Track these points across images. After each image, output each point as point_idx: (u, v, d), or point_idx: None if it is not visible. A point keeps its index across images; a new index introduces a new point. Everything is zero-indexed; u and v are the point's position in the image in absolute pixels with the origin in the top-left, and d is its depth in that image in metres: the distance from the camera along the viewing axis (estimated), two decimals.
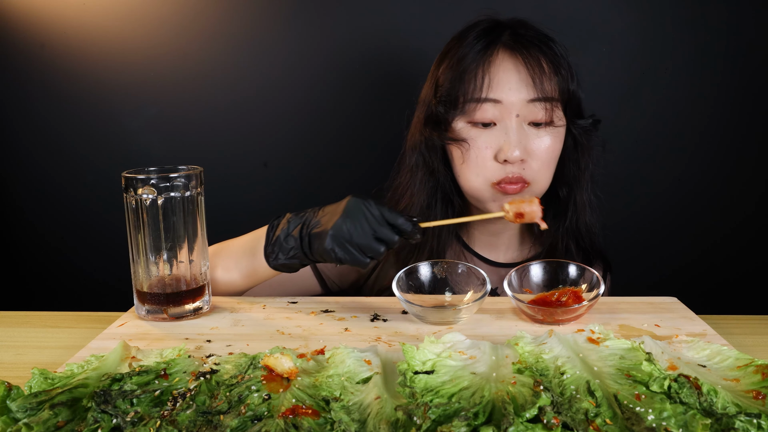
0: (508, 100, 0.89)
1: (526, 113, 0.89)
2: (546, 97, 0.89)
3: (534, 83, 0.88)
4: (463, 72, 0.90)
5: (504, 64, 0.90)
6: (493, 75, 0.89)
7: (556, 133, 0.92)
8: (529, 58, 0.89)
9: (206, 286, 0.82)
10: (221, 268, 0.89)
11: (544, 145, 0.90)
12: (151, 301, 0.78)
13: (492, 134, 0.90)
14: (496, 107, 0.89)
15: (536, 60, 0.89)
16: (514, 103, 0.89)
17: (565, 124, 0.94)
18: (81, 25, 1.41)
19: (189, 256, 0.80)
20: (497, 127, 0.90)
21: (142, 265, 0.79)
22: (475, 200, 0.97)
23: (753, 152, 1.42)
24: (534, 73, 0.88)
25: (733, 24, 1.35)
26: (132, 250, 0.79)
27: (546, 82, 0.89)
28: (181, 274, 0.79)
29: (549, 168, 0.93)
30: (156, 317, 0.79)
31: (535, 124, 0.90)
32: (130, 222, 0.79)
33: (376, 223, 0.74)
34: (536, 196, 0.87)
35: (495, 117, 0.90)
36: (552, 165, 0.94)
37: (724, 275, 1.48)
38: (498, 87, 0.89)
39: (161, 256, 0.79)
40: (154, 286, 0.79)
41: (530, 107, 0.89)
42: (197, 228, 0.80)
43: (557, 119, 0.91)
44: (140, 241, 0.78)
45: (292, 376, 0.57)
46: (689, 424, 0.47)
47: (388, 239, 0.75)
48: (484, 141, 0.90)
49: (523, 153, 0.89)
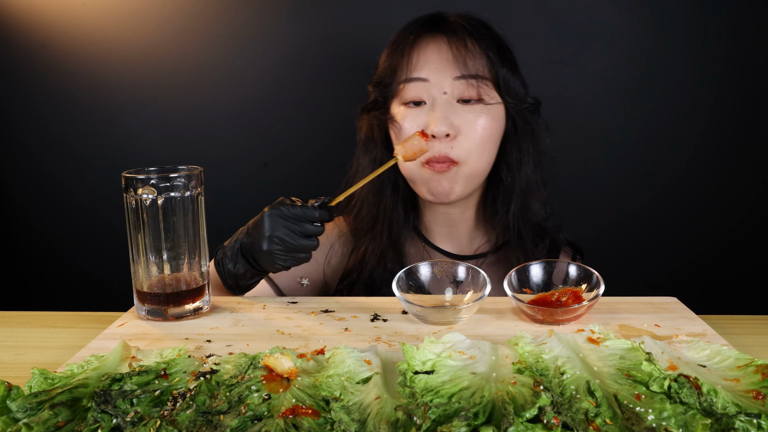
0: (434, 78, 0.92)
1: (454, 90, 0.92)
2: (471, 74, 0.91)
3: (459, 61, 0.91)
4: (394, 55, 0.95)
5: (431, 46, 0.94)
6: (420, 55, 0.93)
7: (489, 111, 0.93)
8: (455, 38, 0.93)
9: (206, 286, 0.82)
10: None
11: (473, 122, 0.92)
12: (151, 301, 0.78)
13: (421, 112, 0.93)
14: (424, 86, 0.93)
15: (462, 40, 0.92)
16: (441, 81, 0.92)
17: (500, 103, 0.95)
18: (81, 25, 1.41)
19: (189, 256, 0.80)
20: (427, 106, 0.93)
21: (142, 265, 0.79)
22: (410, 183, 0.99)
23: (753, 152, 1.42)
24: (459, 52, 0.92)
25: (733, 24, 1.35)
26: (132, 250, 0.79)
27: (471, 60, 0.92)
28: (181, 274, 0.79)
29: (481, 147, 0.94)
30: (156, 317, 0.79)
31: (464, 101, 0.92)
32: (130, 222, 0.79)
33: (296, 225, 0.80)
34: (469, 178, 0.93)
35: (424, 96, 0.93)
36: (485, 145, 0.94)
37: (723, 275, 1.48)
38: (425, 66, 0.93)
39: (161, 256, 0.79)
40: (154, 286, 0.79)
41: (457, 84, 0.92)
42: (197, 228, 0.80)
43: (488, 97, 0.93)
44: (140, 241, 0.78)
45: (292, 376, 0.57)
46: (689, 424, 0.47)
47: (314, 233, 0.81)
48: (414, 119, 0.93)
49: (450, 128, 0.91)
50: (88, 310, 0.86)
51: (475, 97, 0.92)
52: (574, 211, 1.49)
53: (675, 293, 0.86)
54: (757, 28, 1.35)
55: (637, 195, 1.46)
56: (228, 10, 1.40)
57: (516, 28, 1.39)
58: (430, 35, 0.95)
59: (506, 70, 0.94)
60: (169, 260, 0.79)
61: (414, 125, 0.93)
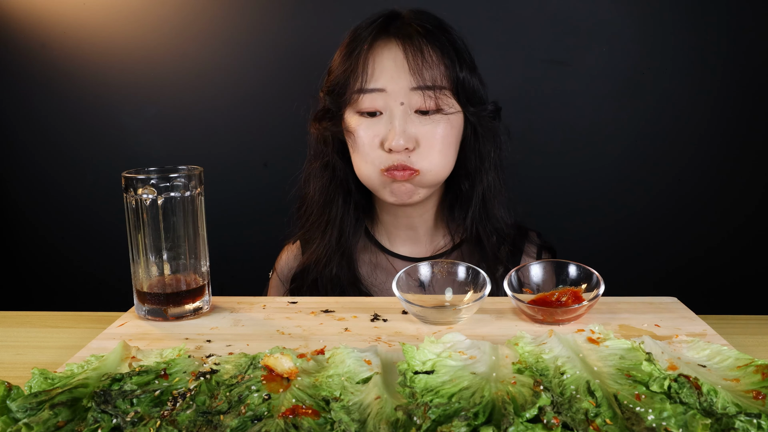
0: (391, 88, 0.89)
1: (410, 101, 0.90)
2: (428, 85, 0.89)
3: (416, 71, 0.88)
4: (348, 61, 0.92)
5: (387, 54, 0.90)
6: (377, 65, 0.90)
7: (448, 120, 0.91)
8: (411, 47, 0.89)
9: (206, 286, 0.82)
10: None
11: (432, 132, 0.90)
12: (151, 301, 0.78)
13: (379, 123, 0.91)
14: (381, 96, 0.90)
15: (419, 48, 0.89)
16: (397, 92, 0.89)
17: (459, 111, 0.93)
18: (81, 25, 1.41)
19: (189, 256, 0.80)
20: (384, 116, 0.91)
21: (142, 265, 0.79)
22: (370, 188, 0.98)
23: (753, 152, 1.42)
24: (416, 62, 0.89)
25: (733, 24, 1.35)
26: (132, 250, 0.79)
27: (428, 70, 0.89)
28: (181, 274, 0.79)
29: (442, 155, 0.92)
30: (156, 317, 0.79)
31: (422, 111, 0.90)
32: (130, 222, 0.79)
33: None
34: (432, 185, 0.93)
35: (381, 106, 0.90)
36: (446, 152, 0.92)
37: (724, 275, 1.48)
38: (381, 76, 0.90)
39: (161, 256, 0.79)
40: (154, 286, 0.79)
41: (414, 95, 0.89)
42: (197, 228, 0.80)
43: (447, 107, 0.91)
44: (140, 241, 0.78)
45: (292, 376, 0.57)
46: (689, 424, 0.47)
47: None
48: (372, 130, 0.91)
49: (408, 141, 0.89)
50: (87, 310, 0.86)
51: (434, 108, 0.90)
52: (574, 211, 1.49)
53: (675, 293, 0.86)
54: (757, 28, 1.35)
55: (637, 195, 1.46)
56: (228, 10, 1.40)
57: (516, 28, 1.40)
58: (384, 40, 0.91)
59: (465, 75, 0.92)
60: (169, 260, 0.79)
61: (370, 135, 0.91)
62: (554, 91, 1.42)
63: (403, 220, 1.02)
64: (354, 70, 0.91)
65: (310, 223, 1.02)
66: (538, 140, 1.44)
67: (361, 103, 0.91)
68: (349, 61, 0.91)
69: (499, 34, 1.38)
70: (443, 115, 0.91)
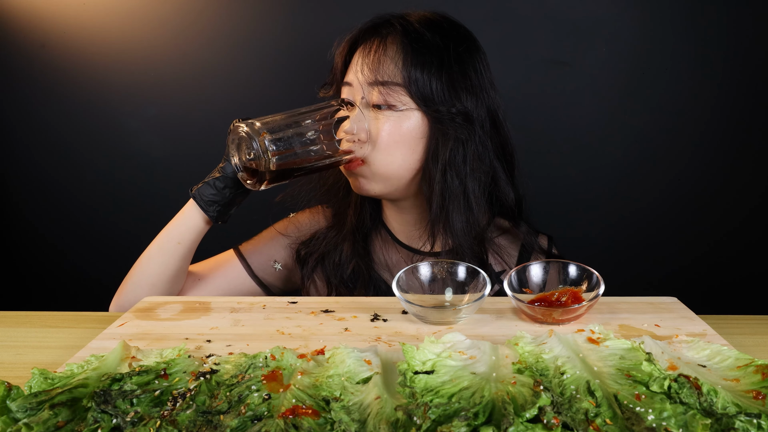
0: (355, 82, 0.95)
1: (369, 96, 0.94)
2: (380, 81, 0.92)
3: (372, 68, 0.92)
4: (336, 57, 0.99)
5: (360, 50, 0.96)
6: (353, 60, 0.96)
7: (398, 117, 0.93)
8: (375, 43, 0.94)
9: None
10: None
11: (380, 127, 0.93)
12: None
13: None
14: (349, 89, 0.96)
15: (382, 45, 0.93)
16: (358, 86, 0.94)
17: (414, 109, 0.93)
18: (81, 25, 1.41)
19: None
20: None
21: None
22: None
23: (753, 152, 1.42)
24: (375, 57, 0.93)
25: (733, 24, 1.35)
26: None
27: (384, 65, 0.92)
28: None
29: (388, 152, 0.93)
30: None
31: (376, 106, 0.93)
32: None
33: None
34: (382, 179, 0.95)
35: (350, 98, 0.96)
36: (392, 149, 0.93)
37: (724, 275, 1.48)
38: (350, 71, 0.96)
39: None
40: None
41: (370, 90, 0.93)
42: None
43: (399, 104, 0.92)
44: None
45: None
46: (689, 424, 0.47)
47: None
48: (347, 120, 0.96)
49: (360, 132, 0.93)
50: (87, 310, 0.86)
51: (383, 104, 0.92)
52: (575, 211, 1.49)
53: (675, 293, 0.86)
54: (757, 28, 1.35)
55: (637, 195, 1.46)
56: (227, 10, 1.40)
57: (516, 28, 1.40)
58: (365, 37, 0.96)
59: (420, 75, 0.91)
60: None
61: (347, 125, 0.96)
62: (554, 91, 1.42)
63: (395, 213, 1.06)
64: (337, 64, 0.99)
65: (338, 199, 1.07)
66: (538, 140, 1.44)
67: (342, 94, 0.98)
68: (337, 55, 0.99)
69: (499, 34, 1.38)
70: (394, 111, 0.93)
